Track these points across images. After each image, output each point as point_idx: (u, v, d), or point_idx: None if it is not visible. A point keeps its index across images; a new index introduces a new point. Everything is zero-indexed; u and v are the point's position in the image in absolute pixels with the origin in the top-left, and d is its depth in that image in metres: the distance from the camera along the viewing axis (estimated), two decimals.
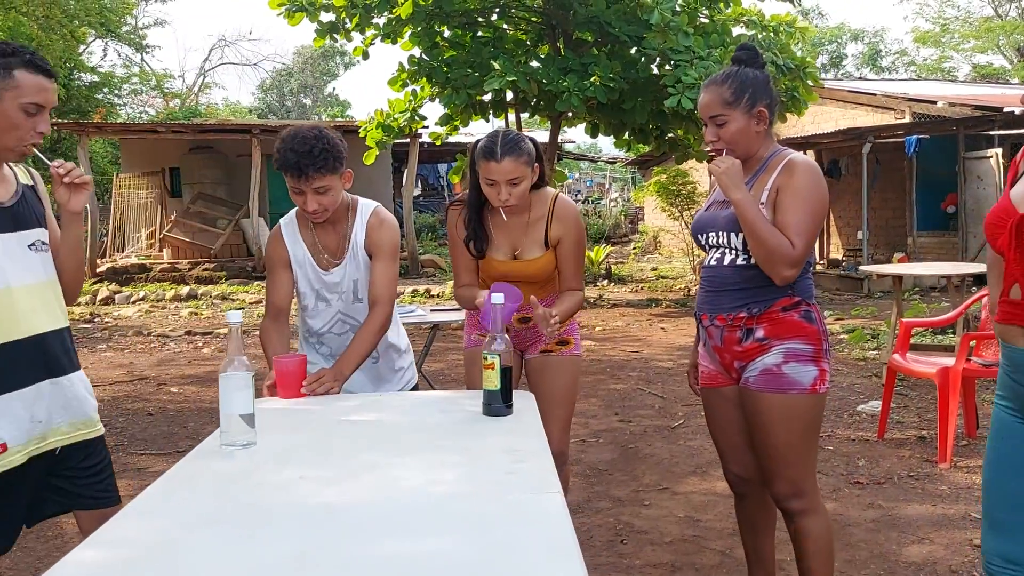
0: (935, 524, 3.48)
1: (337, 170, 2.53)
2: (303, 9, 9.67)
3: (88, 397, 2.29)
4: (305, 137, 2.48)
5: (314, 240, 2.69)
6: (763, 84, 2.29)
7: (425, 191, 22.65)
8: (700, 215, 2.46)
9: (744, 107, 2.26)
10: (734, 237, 2.28)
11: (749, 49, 2.35)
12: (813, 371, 2.26)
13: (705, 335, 2.42)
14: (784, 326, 2.26)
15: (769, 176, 2.27)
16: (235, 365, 1.91)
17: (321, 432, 2.13)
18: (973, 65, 31.10)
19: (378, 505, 1.62)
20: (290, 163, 2.46)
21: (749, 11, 10.42)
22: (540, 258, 2.75)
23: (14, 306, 2.08)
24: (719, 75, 2.31)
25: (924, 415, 5.11)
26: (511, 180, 2.58)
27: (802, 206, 2.20)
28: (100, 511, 2.27)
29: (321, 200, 2.52)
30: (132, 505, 1.62)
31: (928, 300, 10.07)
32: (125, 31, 26.30)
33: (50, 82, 2.08)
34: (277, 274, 2.70)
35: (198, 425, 5.47)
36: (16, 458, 2.09)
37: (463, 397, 2.43)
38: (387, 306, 2.63)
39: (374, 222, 2.68)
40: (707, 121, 2.31)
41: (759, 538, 2.57)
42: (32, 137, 2.07)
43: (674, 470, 4.32)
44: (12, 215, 2.13)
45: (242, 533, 1.49)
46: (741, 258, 2.28)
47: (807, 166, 2.26)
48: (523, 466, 1.82)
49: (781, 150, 2.33)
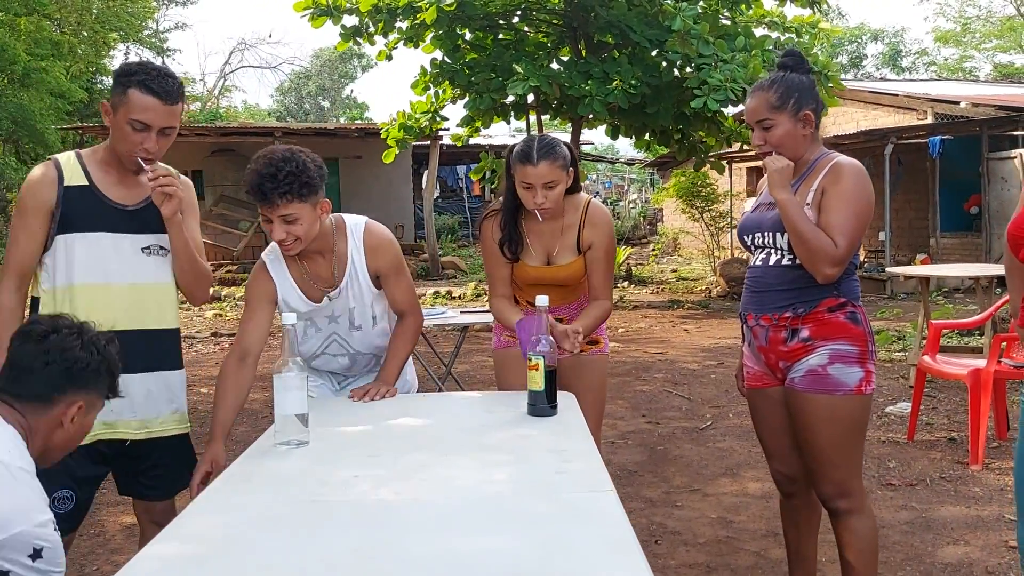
0: (969, 526, 3.48)
1: (307, 198, 2.25)
2: (327, 13, 9.73)
3: (179, 395, 2.40)
4: (272, 159, 2.24)
5: (302, 272, 2.47)
6: (809, 88, 2.32)
7: (444, 193, 22.71)
8: (747, 216, 2.49)
9: (790, 111, 2.28)
10: (780, 237, 2.30)
11: (795, 55, 2.38)
12: (859, 372, 2.28)
13: (750, 335, 2.43)
14: (830, 327, 2.28)
15: (815, 178, 2.29)
16: (289, 366, 1.95)
17: (370, 432, 2.17)
18: (994, 65, 30.86)
19: (433, 503, 1.65)
20: (254, 186, 2.24)
21: (771, 12, 10.41)
22: (572, 263, 2.77)
23: (112, 303, 2.23)
24: (765, 81, 2.34)
25: (953, 417, 5.09)
26: (547, 184, 2.58)
27: (846, 207, 2.22)
28: (149, 502, 2.38)
29: (290, 230, 2.26)
30: (196, 503, 1.66)
31: (952, 301, 10.01)
32: (146, 35, 26.56)
33: (160, 103, 2.17)
34: (255, 310, 2.46)
35: None
36: (124, 433, 2.26)
37: (507, 398, 2.47)
38: (416, 315, 2.61)
39: (372, 243, 2.49)
40: (754, 126, 2.33)
41: (803, 538, 2.59)
42: (139, 152, 2.20)
43: (704, 472, 4.33)
44: (133, 218, 2.28)
45: (303, 530, 1.53)
46: (787, 259, 2.30)
47: (853, 168, 2.28)
48: (572, 465, 1.85)
49: (828, 153, 2.35)
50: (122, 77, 2.18)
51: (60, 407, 1.77)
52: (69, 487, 2.21)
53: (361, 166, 17.49)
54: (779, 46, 9.77)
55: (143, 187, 2.26)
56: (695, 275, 14.87)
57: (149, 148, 2.20)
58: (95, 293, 2.23)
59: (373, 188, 17.68)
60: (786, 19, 10.28)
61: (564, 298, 2.80)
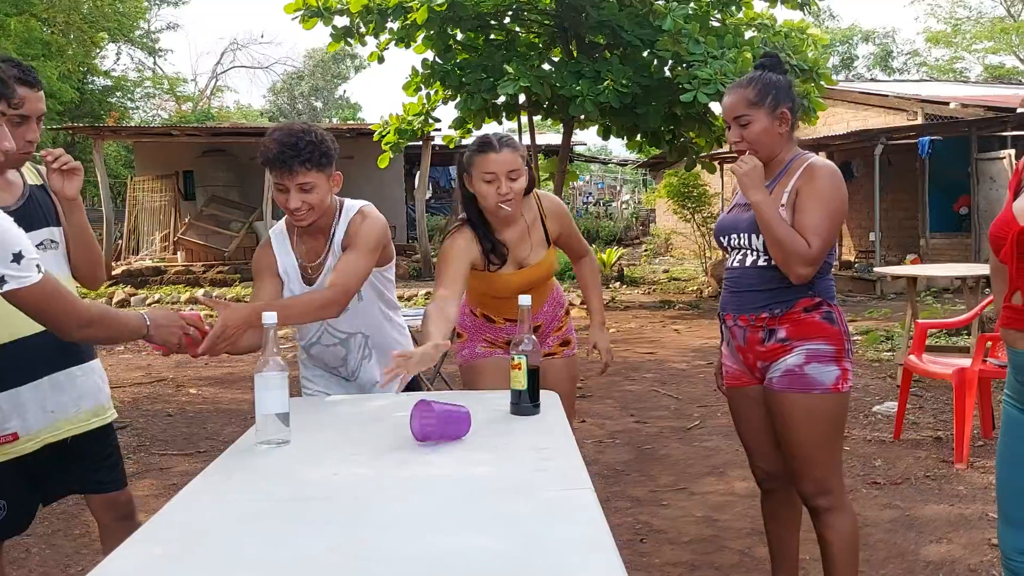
0: (953, 524, 3.50)
1: (324, 167, 2.37)
2: (318, 14, 9.75)
3: (102, 386, 2.40)
4: (292, 130, 2.36)
5: (304, 251, 2.54)
6: (786, 88, 2.34)
7: (436, 193, 22.70)
8: (723, 218, 2.51)
9: (768, 108, 2.30)
10: (755, 239, 2.31)
11: (773, 57, 2.40)
12: (835, 371, 2.30)
13: (729, 335, 2.45)
14: (806, 327, 2.30)
15: (790, 179, 2.31)
16: (270, 365, 1.95)
17: (352, 430, 2.18)
18: (985, 66, 30.99)
19: (412, 501, 1.66)
20: (273, 155, 2.32)
21: (761, 15, 10.45)
22: (545, 257, 2.78)
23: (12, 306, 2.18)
24: (743, 79, 2.36)
25: (939, 416, 5.12)
26: (510, 172, 2.56)
27: (820, 208, 2.24)
28: (108, 495, 2.39)
29: (306, 199, 2.35)
30: (175, 501, 1.66)
31: (941, 301, 10.07)
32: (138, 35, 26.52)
33: (33, 92, 2.15)
34: (262, 280, 2.54)
35: (217, 426, 5.53)
36: (29, 446, 2.22)
37: (490, 396, 2.47)
38: (340, 294, 2.36)
39: (356, 219, 2.50)
40: (731, 123, 2.35)
41: (784, 534, 2.60)
42: (23, 146, 2.14)
43: (690, 471, 4.35)
44: (19, 217, 2.18)
45: (282, 527, 1.53)
46: (763, 259, 2.32)
47: (828, 169, 2.30)
48: (552, 463, 1.86)
49: (803, 153, 2.37)
50: None
51: None
52: (2, 497, 2.22)
53: (353, 167, 17.33)
54: (769, 43, 9.79)
55: (14, 184, 2.23)
56: (687, 276, 14.90)
57: (33, 139, 2.18)
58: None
59: (365, 189, 17.55)
60: (776, 21, 10.32)
61: (539, 302, 2.80)
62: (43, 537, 3.60)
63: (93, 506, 2.44)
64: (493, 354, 2.87)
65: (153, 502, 3.91)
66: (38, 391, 2.22)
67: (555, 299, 2.95)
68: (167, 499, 4.13)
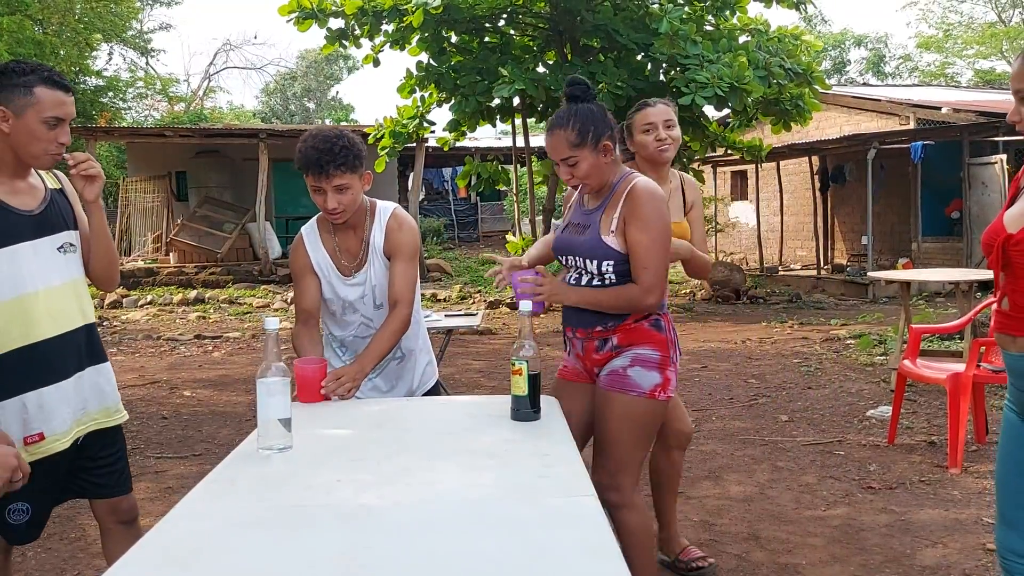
0: (948, 528, 3.52)
1: (357, 169, 2.52)
2: (312, 16, 9.74)
3: (114, 385, 2.45)
4: (327, 136, 2.50)
5: (335, 247, 2.68)
6: (602, 117, 2.42)
7: (430, 195, 22.71)
8: (559, 236, 2.59)
9: (590, 145, 2.39)
10: (589, 263, 2.44)
11: (580, 84, 2.47)
12: (656, 378, 2.43)
13: (570, 345, 2.60)
14: (635, 333, 2.44)
15: (616, 206, 2.41)
16: (272, 370, 1.96)
17: (353, 437, 2.18)
18: (975, 71, 31.14)
19: (416, 507, 1.66)
20: (311, 160, 2.47)
21: (755, 20, 10.49)
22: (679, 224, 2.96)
23: (40, 309, 2.22)
24: (560, 117, 2.42)
25: (933, 420, 5.15)
26: (666, 121, 2.94)
27: (645, 237, 2.35)
28: (112, 499, 2.41)
29: (341, 199, 2.51)
30: (180, 507, 1.66)
31: (933, 305, 10.11)
32: (130, 35, 26.43)
33: (68, 96, 2.20)
34: (304, 280, 2.69)
35: (213, 429, 5.52)
36: (59, 444, 2.24)
37: (490, 402, 2.48)
38: (407, 307, 2.62)
39: (393, 224, 2.66)
40: (559, 163, 2.44)
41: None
42: (55, 148, 2.19)
43: (687, 475, 4.35)
44: (41, 221, 2.26)
45: (286, 534, 1.54)
46: (596, 280, 2.45)
47: (647, 194, 2.37)
48: (554, 470, 1.86)
49: (627, 174, 2.46)
50: (20, 78, 2.13)
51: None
52: (26, 500, 2.22)
53: None
54: (764, 47, 9.83)
55: (36, 189, 2.28)
56: (680, 278, 14.90)
57: (66, 142, 2.21)
58: (28, 303, 2.20)
59: None
60: (770, 27, 10.36)
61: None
62: (39, 541, 3.57)
63: (97, 510, 2.44)
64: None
65: (148, 505, 3.90)
66: (61, 392, 2.24)
67: None
68: (163, 502, 4.14)
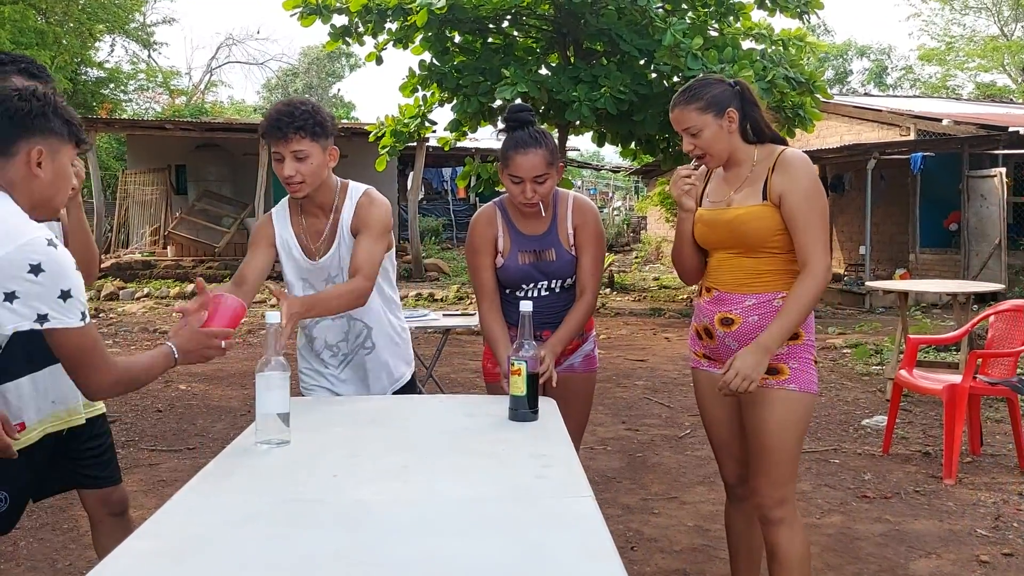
0: (943, 540, 3.51)
1: (319, 137, 2.42)
2: (317, 12, 9.72)
3: None
4: (291, 101, 2.44)
5: (302, 228, 2.59)
6: (554, 147, 2.60)
7: (429, 195, 22.68)
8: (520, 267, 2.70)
9: (556, 163, 2.57)
10: (555, 282, 2.72)
11: (526, 109, 2.63)
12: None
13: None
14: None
15: (565, 218, 2.70)
16: (272, 365, 1.95)
17: (351, 433, 2.17)
18: (977, 84, 31.19)
19: (412, 506, 1.65)
20: (271, 121, 2.39)
21: (759, 25, 10.49)
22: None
23: None
24: (531, 138, 2.53)
25: (928, 431, 5.15)
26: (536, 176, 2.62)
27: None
28: (102, 490, 2.38)
29: (299, 167, 2.40)
30: (175, 500, 1.65)
31: (930, 316, 10.12)
32: (133, 27, 26.36)
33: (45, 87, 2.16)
34: (256, 248, 2.60)
35: (207, 422, 5.51)
36: (32, 436, 2.22)
37: (488, 402, 2.47)
38: (367, 280, 2.42)
39: (364, 201, 2.55)
40: (527, 181, 2.54)
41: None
42: None
43: (682, 479, 4.36)
44: None
45: (282, 530, 1.53)
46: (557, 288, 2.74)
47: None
48: (552, 471, 1.86)
49: (559, 193, 2.70)
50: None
51: (20, 156, 1.78)
52: (5, 488, 2.21)
53: (346, 165, 17.13)
54: (767, 57, 9.84)
55: None
56: (677, 284, 14.91)
57: None
58: None
59: None
60: (773, 31, 10.36)
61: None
62: (30, 531, 3.58)
63: (87, 501, 2.43)
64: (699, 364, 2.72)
65: (141, 498, 3.89)
66: (39, 381, 2.23)
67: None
68: (155, 495, 4.12)
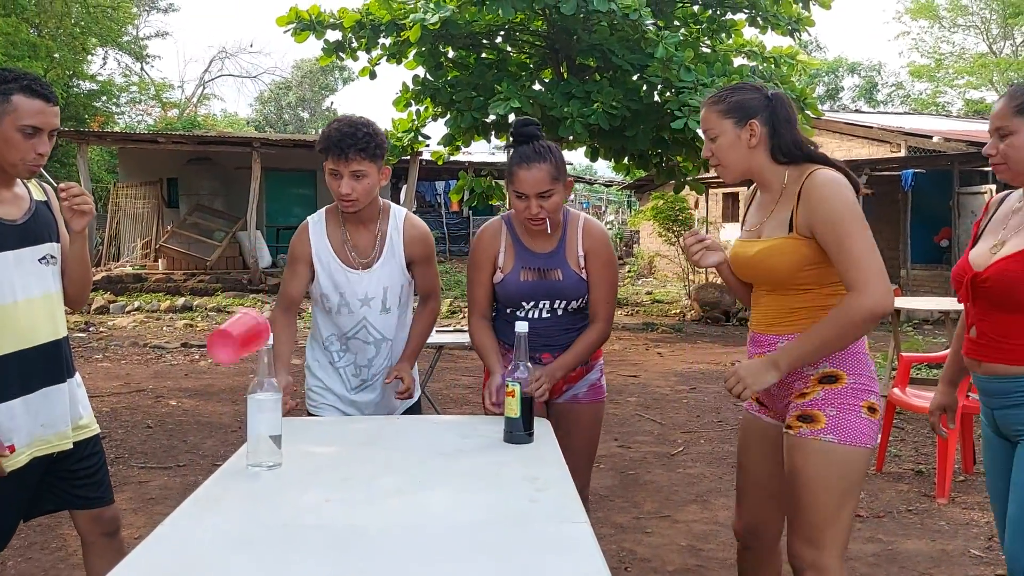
0: (935, 560, 3.51)
1: (376, 159, 2.52)
2: (310, 27, 9.75)
3: (84, 399, 2.43)
4: (353, 120, 2.52)
5: (343, 239, 2.65)
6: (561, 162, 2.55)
7: (422, 208, 22.67)
8: (515, 284, 2.67)
9: (563, 179, 2.54)
10: (560, 303, 2.71)
11: (533, 123, 2.61)
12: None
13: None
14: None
15: (575, 240, 2.67)
16: (264, 387, 1.94)
17: (343, 456, 2.16)
18: (966, 100, 31.43)
19: (405, 530, 1.64)
20: (333, 141, 2.47)
21: (750, 42, 10.56)
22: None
23: (19, 319, 2.21)
24: (536, 152, 2.50)
25: (921, 449, 5.15)
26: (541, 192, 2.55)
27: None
28: (94, 510, 2.39)
29: (355, 186, 2.50)
30: (165, 525, 1.64)
31: (921, 333, 10.15)
32: (126, 41, 26.38)
33: (49, 106, 2.17)
34: (296, 266, 2.67)
35: (198, 439, 5.47)
36: (20, 459, 2.21)
37: (482, 423, 2.46)
38: (437, 300, 2.85)
39: (414, 233, 2.70)
40: (532, 197, 2.50)
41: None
42: (32, 157, 2.16)
43: (674, 498, 4.34)
44: (25, 231, 2.25)
45: (275, 554, 1.51)
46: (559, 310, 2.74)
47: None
48: (546, 494, 1.85)
49: (567, 212, 2.67)
50: (1, 85, 2.10)
51: None
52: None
53: None
54: (758, 73, 9.90)
55: (20, 199, 2.26)
56: (670, 298, 14.94)
57: (44, 152, 2.17)
58: (7, 313, 2.19)
59: None
60: (765, 49, 10.43)
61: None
62: (19, 550, 3.54)
63: (78, 521, 2.42)
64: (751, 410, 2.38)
65: (131, 516, 3.86)
66: (31, 404, 2.23)
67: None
68: (145, 514, 4.08)
